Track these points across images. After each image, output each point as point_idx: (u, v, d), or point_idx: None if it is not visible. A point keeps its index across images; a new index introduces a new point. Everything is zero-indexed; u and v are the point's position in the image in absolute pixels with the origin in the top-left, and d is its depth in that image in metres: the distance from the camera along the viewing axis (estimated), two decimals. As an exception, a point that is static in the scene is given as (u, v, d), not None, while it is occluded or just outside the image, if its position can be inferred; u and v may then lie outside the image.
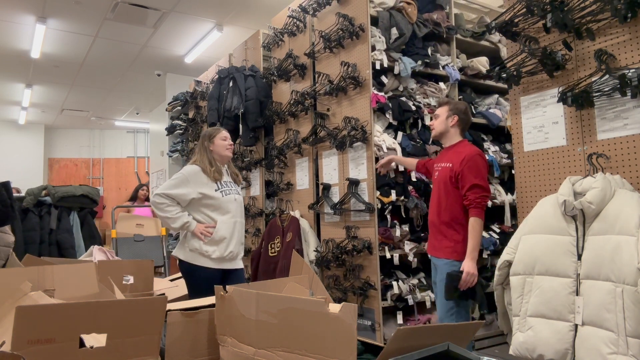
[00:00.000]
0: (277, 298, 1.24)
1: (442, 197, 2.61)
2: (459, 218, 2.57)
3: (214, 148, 2.81)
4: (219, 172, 2.79)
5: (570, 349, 1.82)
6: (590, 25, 2.07)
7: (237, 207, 2.84)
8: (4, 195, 2.15)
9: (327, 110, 3.85)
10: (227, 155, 2.85)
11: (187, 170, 2.74)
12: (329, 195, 3.73)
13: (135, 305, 1.24)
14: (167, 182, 2.75)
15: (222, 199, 2.73)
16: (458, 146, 2.68)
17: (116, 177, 12.44)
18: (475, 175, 2.50)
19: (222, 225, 2.72)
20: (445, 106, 2.73)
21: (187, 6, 5.61)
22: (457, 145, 2.69)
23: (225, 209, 2.74)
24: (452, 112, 2.69)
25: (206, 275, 2.63)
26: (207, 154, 2.80)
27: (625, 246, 1.69)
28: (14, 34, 6.24)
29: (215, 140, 2.82)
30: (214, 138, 2.82)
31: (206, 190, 2.70)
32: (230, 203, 2.77)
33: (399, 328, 1.10)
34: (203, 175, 2.72)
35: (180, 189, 2.68)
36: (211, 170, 2.74)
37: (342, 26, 3.55)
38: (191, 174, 2.72)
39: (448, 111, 2.70)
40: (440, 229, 2.63)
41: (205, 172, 2.73)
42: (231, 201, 2.78)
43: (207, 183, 2.71)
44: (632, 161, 1.96)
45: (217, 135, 2.83)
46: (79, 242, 4.61)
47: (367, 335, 3.34)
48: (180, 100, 6.85)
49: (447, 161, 2.63)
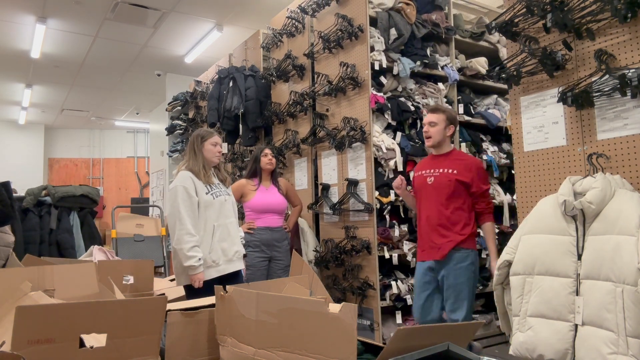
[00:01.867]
0: (277, 298, 1.24)
1: (443, 201, 2.65)
2: (463, 220, 2.64)
3: (203, 151, 2.79)
4: (210, 175, 2.78)
5: (570, 349, 1.82)
6: (590, 25, 2.07)
7: (230, 207, 2.84)
8: (4, 195, 2.15)
9: (326, 111, 3.85)
10: (214, 162, 2.81)
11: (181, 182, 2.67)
12: (328, 195, 3.73)
13: (135, 305, 1.24)
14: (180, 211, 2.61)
15: (214, 201, 2.73)
16: (455, 154, 2.78)
17: (116, 177, 12.45)
18: (485, 182, 2.69)
19: (218, 229, 2.72)
20: (441, 114, 2.72)
21: (187, 6, 5.62)
22: (453, 153, 2.78)
23: (218, 211, 2.74)
24: (449, 122, 2.73)
25: (207, 282, 2.62)
26: (200, 156, 2.77)
27: (625, 246, 1.70)
28: (14, 34, 6.24)
29: (205, 144, 2.78)
30: (204, 142, 2.79)
31: (199, 194, 2.70)
32: (222, 204, 2.77)
33: (399, 328, 1.10)
34: (195, 179, 2.71)
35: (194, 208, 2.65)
36: (203, 174, 2.73)
37: (341, 27, 3.55)
38: (186, 183, 2.67)
39: (445, 120, 2.72)
40: (441, 229, 2.65)
41: (197, 175, 2.72)
42: (222, 202, 2.78)
43: (199, 186, 2.71)
44: (632, 161, 1.96)
45: (208, 139, 2.79)
46: (79, 242, 4.61)
47: (366, 335, 3.34)
48: (180, 100, 6.85)
49: (447, 167, 2.69)
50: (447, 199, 2.64)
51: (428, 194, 2.73)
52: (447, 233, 2.64)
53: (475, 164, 2.73)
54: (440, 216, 2.65)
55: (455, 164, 2.69)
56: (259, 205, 3.45)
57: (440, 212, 2.66)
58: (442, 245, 2.63)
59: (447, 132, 2.73)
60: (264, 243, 3.39)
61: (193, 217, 2.64)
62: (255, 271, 3.33)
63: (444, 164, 2.72)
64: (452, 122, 2.75)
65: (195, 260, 2.57)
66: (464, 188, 2.65)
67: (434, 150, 2.80)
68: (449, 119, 2.73)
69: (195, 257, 2.57)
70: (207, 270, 2.64)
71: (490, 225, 2.68)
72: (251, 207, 3.47)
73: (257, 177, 3.54)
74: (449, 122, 2.72)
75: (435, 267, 2.67)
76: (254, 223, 3.43)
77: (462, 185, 2.64)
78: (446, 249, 2.62)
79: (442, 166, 2.72)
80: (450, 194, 2.64)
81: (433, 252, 2.67)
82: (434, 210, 2.68)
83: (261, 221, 3.44)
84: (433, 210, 2.69)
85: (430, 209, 2.70)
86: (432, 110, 2.78)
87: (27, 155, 11.15)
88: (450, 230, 2.64)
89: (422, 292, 2.73)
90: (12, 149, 11.00)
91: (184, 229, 2.59)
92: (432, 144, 2.75)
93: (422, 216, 2.77)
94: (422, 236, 2.76)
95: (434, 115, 2.73)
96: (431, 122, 2.72)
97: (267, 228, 3.42)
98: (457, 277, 2.61)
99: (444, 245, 2.63)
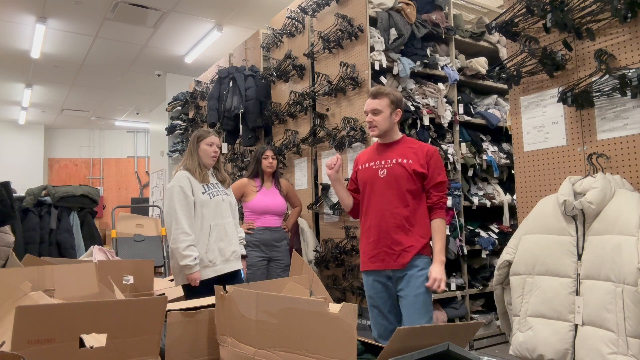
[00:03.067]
0: (277, 298, 1.24)
1: (401, 198, 2.27)
2: (423, 219, 2.31)
3: (199, 151, 2.79)
4: (206, 175, 2.78)
5: (570, 349, 1.82)
6: (590, 25, 2.07)
7: (227, 207, 2.83)
8: (4, 195, 2.15)
9: (326, 111, 3.85)
10: (210, 162, 2.81)
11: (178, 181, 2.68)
12: (328, 195, 3.73)
13: (135, 305, 1.24)
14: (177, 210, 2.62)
15: (210, 201, 2.73)
16: (406, 141, 2.40)
17: (116, 177, 12.45)
18: (439, 172, 2.32)
19: (215, 228, 2.72)
20: (384, 99, 2.33)
21: (187, 6, 5.62)
22: (404, 140, 2.41)
23: (214, 210, 2.74)
24: (394, 106, 2.34)
25: (205, 282, 2.62)
26: (195, 156, 2.78)
27: (625, 246, 1.70)
28: (14, 34, 6.24)
29: (201, 144, 2.79)
30: (200, 142, 2.79)
31: (195, 194, 2.70)
32: (219, 204, 2.77)
33: (399, 328, 1.10)
34: (192, 179, 2.72)
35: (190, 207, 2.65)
36: (199, 173, 2.74)
37: (341, 27, 3.55)
38: (182, 182, 2.68)
39: (390, 105, 2.33)
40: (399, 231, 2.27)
41: (194, 175, 2.73)
42: (219, 202, 2.78)
43: (195, 186, 2.71)
44: (632, 161, 1.96)
45: (205, 139, 2.80)
46: (79, 242, 4.61)
47: (366, 335, 3.33)
48: (180, 100, 6.85)
49: (401, 157, 2.32)
50: (405, 196, 2.27)
51: (380, 189, 2.32)
52: (406, 237, 2.25)
53: (430, 150, 2.33)
54: (397, 216, 2.26)
55: (408, 152, 2.33)
56: (258, 207, 3.46)
57: (397, 211, 2.27)
58: (402, 252, 2.25)
59: (394, 118, 2.34)
60: (263, 243, 3.39)
61: (189, 216, 2.64)
62: (255, 270, 3.33)
63: (396, 152, 2.34)
64: (398, 106, 2.35)
65: (191, 259, 2.57)
66: (421, 181, 2.30)
67: (380, 139, 2.42)
68: (394, 103, 2.33)
69: (191, 257, 2.57)
70: (203, 270, 2.64)
71: (440, 222, 2.29)
72: (251, 208, 3.47)
73: (259, 177, 3.54)
74: (394, 107, 2.33)
75: (393, 277, 2.29)
76: (254, 223, 3.43)
77: (419, 178, 2.28)
78: (407, 256, 2.24)
79: (393, 156, 2.34)
80: (409, 189, 2.27)
81: (389, 260, 2.27)
82: (388, 209, 2.29)
83: (260, 222, 3.45)
84: (387, 209, 2.29)
85: (384, 208, 2.30)
86: (374, 95, 2.36)
87: (27, 155, 11.15)
88: (410, 233, 2.26)
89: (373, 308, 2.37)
90: (12, 149, 11.00)
91: (179, 228, 2.59)
92: (378, 134, 2.37)
93: (370, 216, 2.35)
94: (372, 240, 2.32)
95: (375, 102, 2.33)
96: (374, 109, 2.33)
97: (266, 228, 3.43)
98: (419, 288, 2.24)
99: (404, 251, 2.25)
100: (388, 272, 2.30)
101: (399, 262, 2.26)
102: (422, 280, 2.24)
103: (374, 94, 2.35)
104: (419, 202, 2.30)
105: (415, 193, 2.29)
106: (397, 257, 2.26)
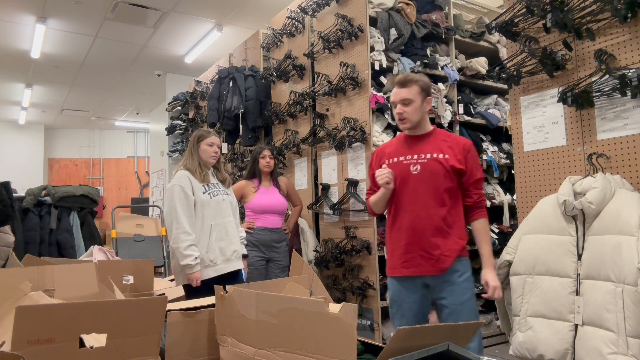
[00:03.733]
0: (277, 298, 1.24)
1: (438, 197, 2.07)
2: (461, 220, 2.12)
3: (199, 151, 2.80)
4: (207, 175, 2.79)
5: (570, 349, 1.82)
6: (590, 25, 2.07)
7: (227, 207, 2.83)
8: (4, 195, 2.15)
9: (326, 111, 3.85)
10: (210, 162, 2.82)
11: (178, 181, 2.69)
12: (328, 195, 3.73)
13: (135, 305, 1.24)
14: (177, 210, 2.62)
15: (210, 201, 2.73)
16: (438, 134, 2.17)
17: (116, 177, 12.45)
18: (478, 168, 2.13)
19: (216, 228, 2.72)
20: (414, 85, 2.09)
21: (187, 6, 5.62)
22: (436, 132, 2.18)
23: (215, 210, 2.74)
24: (425, 93, 2.11)
25: (206, 282, 2.62)
26: (196, 155, 2.79)
27: (625, 246, 1.70)
28: (14, 34, 6.24)
29: (201, 144, 2.80)
30: (201, 142, 2.80)
31: (196, 193, 2.70)
32: (219, 204, 2.77)
33: (399, 328, 1.10)
34: (192, 178, 2.72)
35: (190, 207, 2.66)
36: (199, 173, 2.74)
37: (341, 27, 3.55)
38: (183, 182, 2.68)
39: (420, 93, 2.09)
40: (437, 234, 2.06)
41: (194, 175, 2.73)
42: (220, 202, 2.78)
43: (196, 185, 2.71)
44: (632, 161, 1.96)
45: (205, 139, 2.80)
46: (79, 242, 4.61)
47: (366, 334, 3.34)
48: (180, 100, 6.85)
49: (436, 151, 2.10)
50: (442, 194, 2.07)
51: (413, 187, 2.10)
52: (445, 240, 2.05)
53: (467, 144, 2.13)
54: (434, 217, 2.06)
55: (443, 146, 2.10)
56: (258, 206, 3.46)
57: (433, 211, 2.06)
58: (440, 257, 2.04)
59: (425, 107, 2.11)
60: (262, 243, 3.39)
61: (189, 216, 2.65)
62: (253, 270, 3.33)
63: (429, 146, 2.12)
64: (429, 93, 2.12)
65: (192, 259, 2.57)
66: (459, 177, 2.10)
67: (413, 132, 2.17)
68: (425, 90, 2.11)
69: (191, 256, 2.58)
70: (204, 270, 2.64)
71: (483, 222, 2.11)
72: (251, 207, 3.47)
73: (257, 178, 3.54)
74: (425, 94, 2.10)
75: (431, 284, 2.09)
76: (254, 223, 3.43)
77: (456, 174, 2.08)
78: (447, 261, 2.04)
79: (427, 150, 2.11)
80: (446, 186, 2.07)
81: (426, 265, 2.07)
82: (423, 209, 2.07)
83: (261, 221, 3.44)
84: (422, 209, 2.08)
85: (418, 208, 2.09)
86: (402, 83, 2.10)
87: (27, 155, 11.15)
88: (449, 235, 2.06)
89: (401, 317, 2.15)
90: (12, 149, 11.00)
91: (180, 228, 2.60)
92: (410, 127, 2.13)
93: (401, 216, 2.14)
94: (404, 243, 2.11)
95: (404, 91, 2.09)
96: (404, 99, 2.09)
97: (266, 229, 3.43)
98: (462, 295, 2.05)
99: (443, 256, 2.04)
100: (425, 279, 2.08)
101: (437, 267, 2.05)
102: (465, 285, 2.06)
103: (402, 82, 2.10)
104: (455, 201, 2.10)
105: (452, 191, 2.08)
106: (435, 261, 2.05)
